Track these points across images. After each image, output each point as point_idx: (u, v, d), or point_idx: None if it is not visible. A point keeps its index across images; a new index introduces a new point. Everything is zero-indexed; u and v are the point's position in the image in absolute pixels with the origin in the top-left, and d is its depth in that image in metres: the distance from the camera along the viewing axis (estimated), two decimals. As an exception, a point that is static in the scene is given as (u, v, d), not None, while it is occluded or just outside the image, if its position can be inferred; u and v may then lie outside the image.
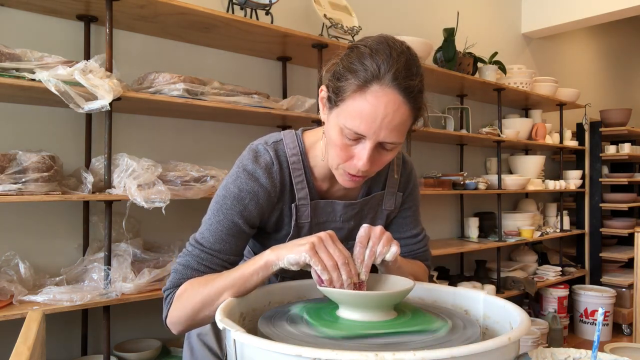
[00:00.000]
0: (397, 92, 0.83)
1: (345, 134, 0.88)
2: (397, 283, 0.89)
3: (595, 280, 3.87)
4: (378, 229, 0.89)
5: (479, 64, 3.12)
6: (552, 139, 3.77)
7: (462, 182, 2.88)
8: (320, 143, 1.02)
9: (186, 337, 1.08)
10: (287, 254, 0.83)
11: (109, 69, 1.62)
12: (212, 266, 0.96)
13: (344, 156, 0.91)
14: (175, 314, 0.93)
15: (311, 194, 1.03)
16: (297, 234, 1.03)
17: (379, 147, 0.89)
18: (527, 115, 3.86)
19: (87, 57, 1.77)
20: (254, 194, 0.98)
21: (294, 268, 0.83)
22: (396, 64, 0.83)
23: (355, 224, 1.08)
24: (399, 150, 0.94)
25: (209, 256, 0.96)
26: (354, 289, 0.82)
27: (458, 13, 3.06)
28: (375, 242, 0.88)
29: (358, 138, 0.87)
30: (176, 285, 0.96)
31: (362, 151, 0.88)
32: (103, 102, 1.50)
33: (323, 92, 0.95)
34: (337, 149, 0.90)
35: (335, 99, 0.89)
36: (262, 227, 1.06)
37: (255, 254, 1.08)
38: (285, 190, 1.01)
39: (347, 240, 1.08)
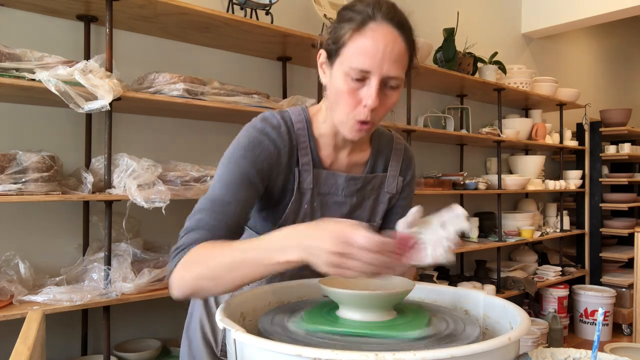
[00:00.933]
0: (391, 27, 0.91)
1: (351, 76, 0.91)
2: (397, 283, 0.89)
3: (595, 280, 3.87)
4: None
5: (479, 64, 3.12)
6: (552, 139, 3.77)
7: (462, 182, 2.88)
8: (322, 111, 1.05)
9: (185, 330, 1.09)
10: (314, 259, 0.74)
11: (109, 69, 1.62)
12: (225, 218, 0.92)
13: (352, 102, 0.93)
14: (178, 275, 0.87)
15: (314, 162, 1.04)
16: (299, 201, 1.03)
17: (384, 87, 0.93)
18: (527, 115, 3.86)
19: (87, 57, 1.77)
20: (265, 147, 0.98)
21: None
22: (385, 5, 0.93)
23: (358, 202, 1.09)
24: (400, 90, 0.96)
25: (221, 207, 0.92)
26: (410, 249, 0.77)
27: (458, 13, 3.06)
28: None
29: (364, 78, 0.91)
30: (185, 246, 0.89)
31: (369, 90, 0.91)
32: (103, 102, 1.50)
33: (322, 57, 0.99)
34: (345, 96, 0.93)
35: (335, 49, 0.94)
36: (268, 193, 1.04)
37: (257, 229, 1.06)
38: (292, 153, 1.02)
39: (349, 218, 1.07)
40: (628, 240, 4.17)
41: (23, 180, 1.41)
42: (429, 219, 0.85)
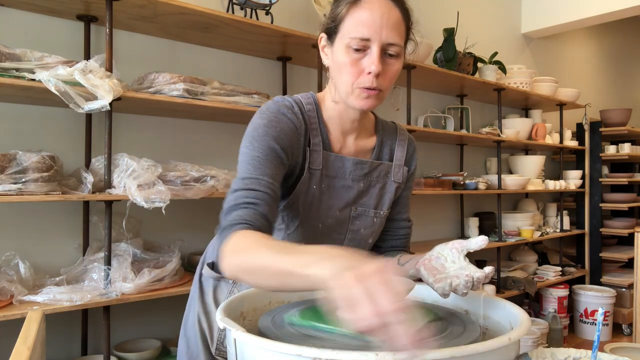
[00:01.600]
0: None
1: (352, 46, 0.94)
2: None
3: (595, 280, 3.87)
4: None
5: (479, 64, 3.12)
6: (552, 139, 3.77)
7: (462, 182, 2.88)
8: (328, 94, 1.06)
9: (182, 327, 1.10)
10: (331, 280, 0.60)
11: (109, 69, 1.62)
12: (260, 188, 0.90)
13: (355, 71, 0.96)
14: (226, 259, 0.81)
15: (324, 144, 1.05)
16: (308, 181, 1.04)
17: (384, 55, 0.96)
18: (527, 115, 3.86)
19: (87, 57, 1.77)
20: (284, 124, 0.99)
21: None
22: None
23: (365, 188, 1.09)
24: (402, 61, 0.99)
25: (253, 181, 0.90)
26: None
27: (458, 13, 3.06)
28: None
29: (364, 47, 0.94)
30: (234, 224, 0.85)
31: (371, 57, 0.94)
32: (103, 102, 1.50)
33: (323, 40, 1.02)
34: (348, 67, 0.96)
35: (334, 26, 0.98)
36: (286, 171, 1.03)
37: None
38: (305, 133, 1.03)
39: (355, 203, 1.08)
40: (628, 240, 4.18)
41: (23, 180, 1.41)
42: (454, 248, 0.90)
